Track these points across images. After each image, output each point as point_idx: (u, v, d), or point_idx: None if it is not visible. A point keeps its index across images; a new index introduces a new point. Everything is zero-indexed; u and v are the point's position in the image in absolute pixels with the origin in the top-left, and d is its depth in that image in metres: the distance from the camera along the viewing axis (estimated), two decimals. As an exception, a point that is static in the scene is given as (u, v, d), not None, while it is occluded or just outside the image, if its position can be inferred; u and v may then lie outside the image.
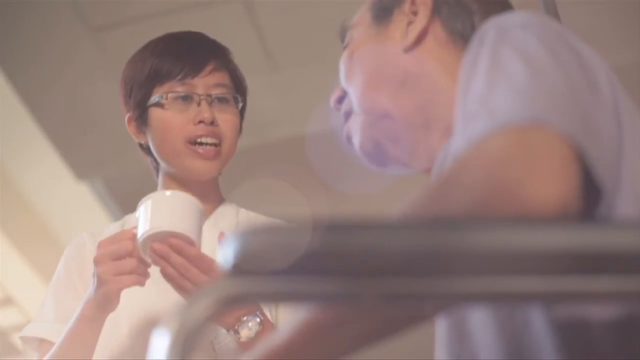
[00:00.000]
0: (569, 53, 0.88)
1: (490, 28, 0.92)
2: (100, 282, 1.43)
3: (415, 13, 1.12)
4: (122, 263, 1.42)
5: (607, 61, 0.93)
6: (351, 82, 1.15)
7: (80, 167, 3.57)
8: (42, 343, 1.59)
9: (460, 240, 0.66)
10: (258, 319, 1.42)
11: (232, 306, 0.69)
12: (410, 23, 1.12)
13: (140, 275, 1.42)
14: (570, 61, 0.87)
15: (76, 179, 3.60)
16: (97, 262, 1.43)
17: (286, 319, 1.51)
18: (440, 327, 0.96)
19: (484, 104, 0.82)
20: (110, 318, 1.50)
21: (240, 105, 1.67)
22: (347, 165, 1.17)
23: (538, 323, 0.84)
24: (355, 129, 1.13)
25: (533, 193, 0.72)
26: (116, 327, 1.53)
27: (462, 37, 1.11)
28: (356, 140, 1.13)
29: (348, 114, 1.15)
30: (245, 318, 1.41)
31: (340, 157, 1.19)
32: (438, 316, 0.95)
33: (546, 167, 0.74)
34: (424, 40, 1.11)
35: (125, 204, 1.78)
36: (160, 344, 0.66)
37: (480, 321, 0.89)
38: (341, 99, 1.17)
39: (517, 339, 0.85)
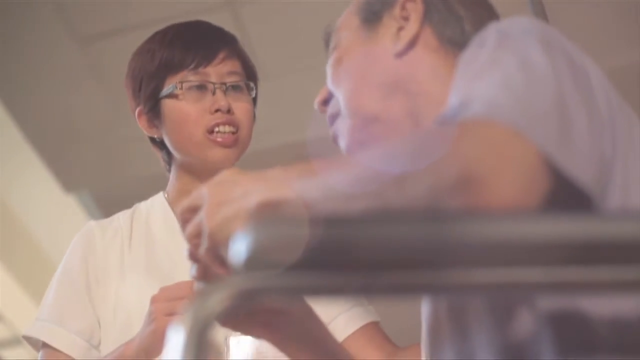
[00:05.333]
0: (567, 64, 0.88)
1: (491, 32, 0.93)
2: (150, 320, 1.38)
3: (405, 18, 1.12)
4: (176, 304, 1.35)
5: (607, 62, 0.94)
6: (339, 85, 1.14)
7: (68, 180, 3.55)
8: (44, 345, 1.56)
9: (465, 232, 0.68)
10: None
11: (245, 301, 0.69)
12: (401, 28, 1.11)
13: None
14: (566, 73, 0.87)
15: (64, 191, 3.58)
16: (153, 300, 1.38)
17: None
18: (440, 321, 0.96)
19: (474, 87, 0.86)
20: (123, 321, 1.48)
21: (253, 92, 1.66)
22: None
23: (535, 318, 0.84)
24: (343, 131, 1.13)
25: (495, 192, 0.76)
26: (130, 330, 1.48)
27: (452, 43, 1.11)
28: (343, 142, 1.13)
29: (335, 116, 1.14)
30: None
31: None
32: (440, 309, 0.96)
33: (513, 172, 0.78)
34: (415, 46, 1.11)
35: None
36: (175, 340, 0.66)
37: (479, 317, 0.90)
38: (327, 101, 1.17)
39: (514, 335, 0.85)
